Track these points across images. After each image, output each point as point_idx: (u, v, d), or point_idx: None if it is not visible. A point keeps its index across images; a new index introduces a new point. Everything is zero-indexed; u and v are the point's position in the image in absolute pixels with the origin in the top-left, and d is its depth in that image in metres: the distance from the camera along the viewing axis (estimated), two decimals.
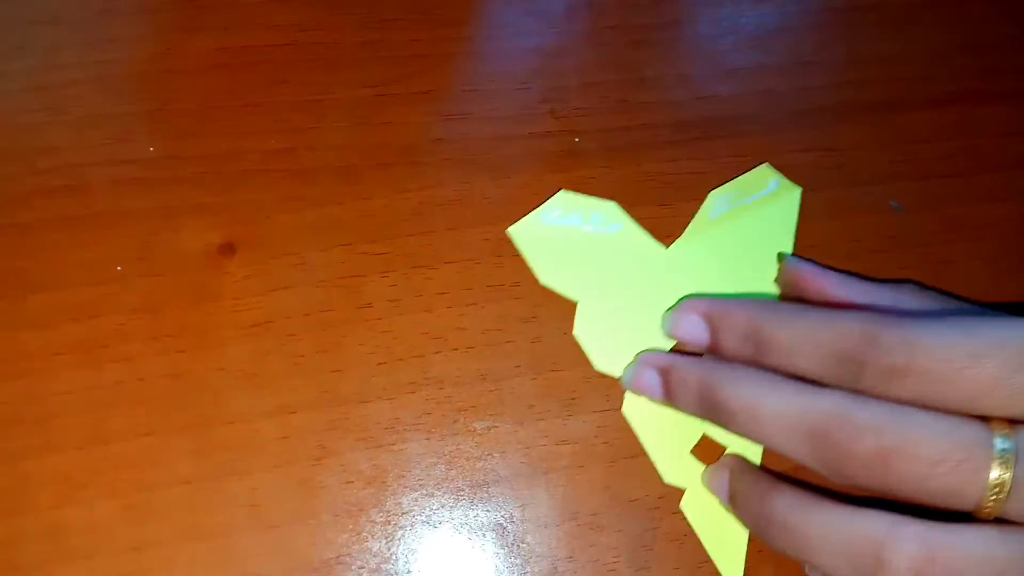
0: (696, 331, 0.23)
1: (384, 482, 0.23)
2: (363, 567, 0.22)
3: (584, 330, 0.24)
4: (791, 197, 0.26)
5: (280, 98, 0.26)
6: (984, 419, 0.18)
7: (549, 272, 0.25)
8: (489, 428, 0.23)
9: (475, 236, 0.25)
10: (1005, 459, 0.17)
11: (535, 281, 0.25)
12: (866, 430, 0.18)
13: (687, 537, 0.23)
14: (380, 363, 0.24)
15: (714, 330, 0.22)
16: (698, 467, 0.23)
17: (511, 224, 0.25)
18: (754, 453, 0.24)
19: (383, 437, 0.23)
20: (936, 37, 0.29)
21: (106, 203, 0.24)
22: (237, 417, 0.23)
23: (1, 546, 0.21)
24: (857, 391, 0.19)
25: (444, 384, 0.24)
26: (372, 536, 0.22)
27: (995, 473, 0.17)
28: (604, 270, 0.25)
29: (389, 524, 0.22)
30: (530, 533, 0.23)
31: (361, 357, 0.24)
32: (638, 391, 0.23)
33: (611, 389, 0.24)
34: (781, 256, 0.25)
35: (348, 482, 0.23)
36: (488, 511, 0.23)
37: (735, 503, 0.22)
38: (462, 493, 0.23)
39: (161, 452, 0.22)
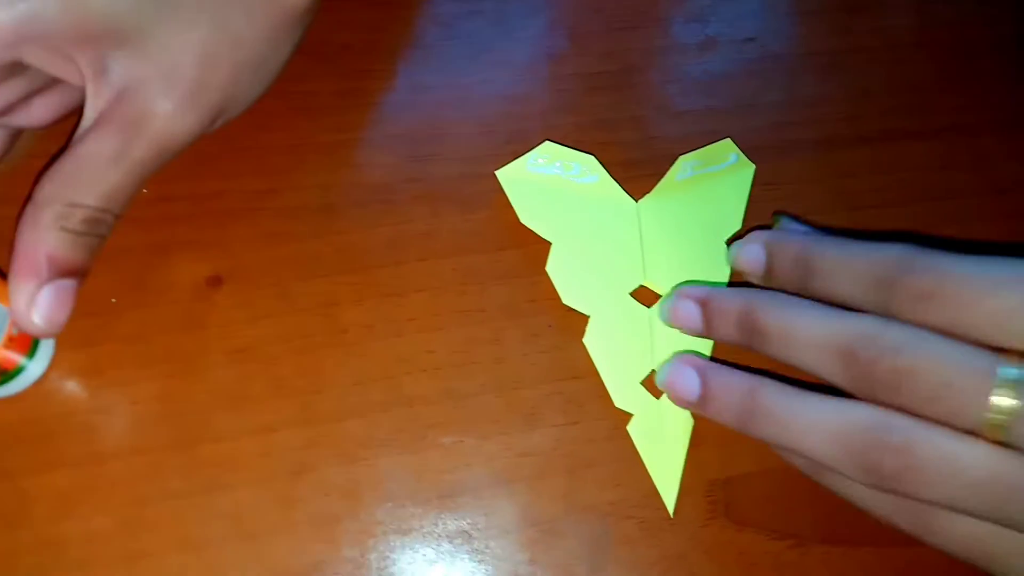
0: (757, 257, 0.25)
1: (358, 494, 0.25)
2: (338, 573, 0.24)
3: (556, 268, 0.27)
4: (746, 172, 0.29)
5: (264, 142, 0.28)
6: (1000, 351, 0.19)
7: (529, 213, 0.27)
8: (455, 443, 0.25)
9: (443, 266, 0.27)
10: (1008, 386, 0.18)
11: (498, 306, 0.27)
12: (886, 350, 0.20)
13: (639, 541, 0.25)
14: (355, 384, 0.26)
15: (771, 255, 0.25)
16: (646, 396, 0.26)
17: (477, 255, 0.28)
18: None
19: (358, 453, 0.25)
20: (866, 79, 0.32)
21: None
22: (222, 436, 0.25)
23: (1, 558, 0.23)
24: (888, 315, 0.21)
25: (414, 403, 0.26)
26: (347, 545, 0.24)
27: (997, 399, 0.18)
28: (578, 216, 0.28)
29: (363, 533, 0.24)
30: (494, 539, 0.24)
31: (338, 379, 0.26)
32: (677, 323, 0.25)
33: (568, 405, 0.26)
34: (777, 219, 0.28)
35: (325, 495, 0.24)
36: (455, 519, 0.25)
37: (710, 399, 0.24)
38: (431, 503, 0.25)
39: (152, 469, 0.24)
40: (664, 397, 0.26)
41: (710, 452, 0.26)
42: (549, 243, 0.27)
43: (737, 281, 0.27)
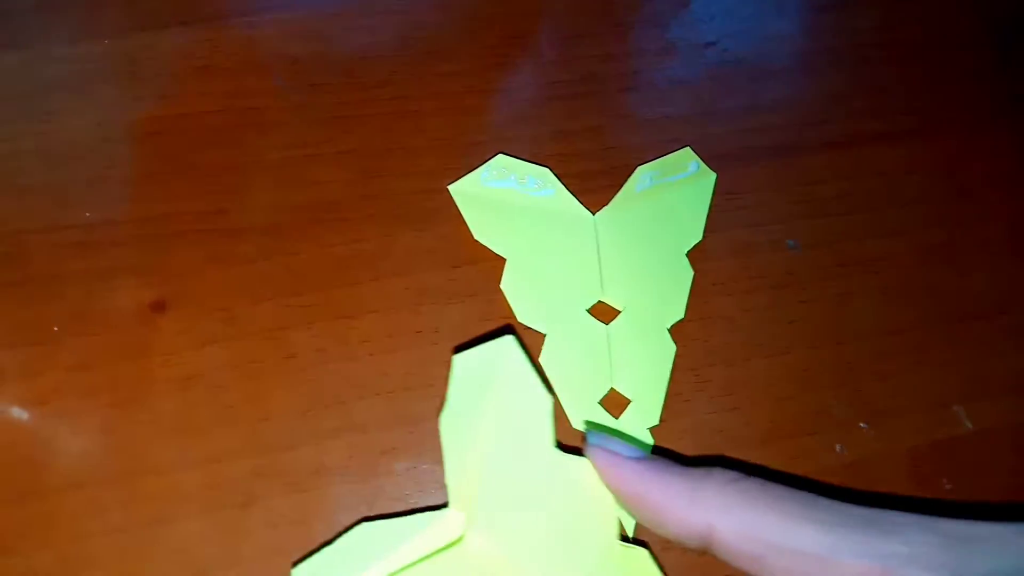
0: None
1: (309, 525, 0.24)
2: None
3: (510, 285, 0.26)
4: (707, 181, 0.28)
5: (212, 161, 0.28)
6: None
7: (482, 229, 0.27)
8: (410, 469, 0.25)
9: (397, 286, 0.27)
10: None
11: (453, 327, 0.26)
12: None
13: None
14: (305, 410, 0.25)
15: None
16: (605, 415, 0.25)
17: (432, 274, 0.27)
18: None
19: (308, 482, 0.24)
20: (831, 82, 0.31)
21: (44, 267, 0.26)
22: (166, 467, 0.24)
23: None
24: None
25: (367, 428, 0.25)
26: None
27: None
28: (534, 231, 0.27)
29: None
30: None
31: (287, 406, 0.25)
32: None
33: None
34: (587, 430, 0.24)
35: (274, 527, 0.24)
36: None
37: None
38: None
39: (94, 503, 0.23)
40: (624, 416, 0.25)
41: None
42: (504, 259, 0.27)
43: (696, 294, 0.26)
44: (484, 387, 0.21)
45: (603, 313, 0.26)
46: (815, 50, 0.32)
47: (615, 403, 0.25)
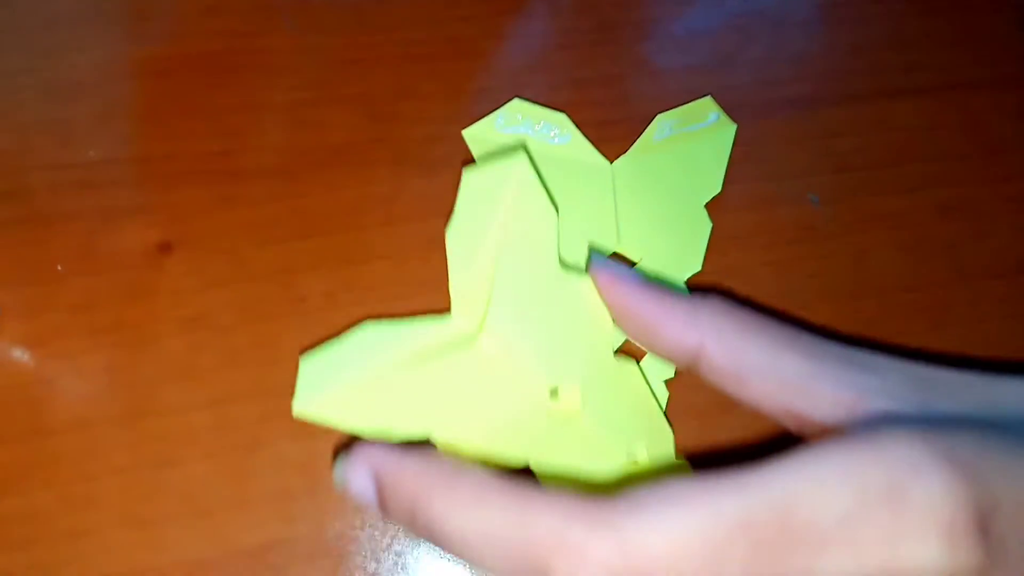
0: (365, 490, 0.19)
1: (316, 470, 0.23)
2: (294, 551, 0.23)
3: None
4: (727, 132, 0.27)
5: (218, 102, 0.27)
6: None
7: None
8: None
9: (407, 232, 0.26)
10: None
11: None
12: None
13: None
14: None
15: (381, 489, 0.18)
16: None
17: (442, 220, 0.26)
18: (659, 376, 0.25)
19: (315, 427, 0.24)
20: (855, 33, 0.30)
21: (47, 206, 0.25)
22: (172, 409, 0.23)
23: None
24: None
25: None
26: (304, 522, 0.23)
27: None
28: (549, 178, 0.26)
29: (320, 511, 0.23)
30: None
31: (295, 350, 0.24)
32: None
33: None
34: (590, 252, 0.24)
35: (280, 471, 0.23)
36: None
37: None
38: None
39: (98, 444, 0.23)
40: (646, 359, 0.24)
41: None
42: None
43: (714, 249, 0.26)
44: (493, 204, 0.21)
45: None
46: (839, 2, 0.31)
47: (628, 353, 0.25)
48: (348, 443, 0.23)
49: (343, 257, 0.26)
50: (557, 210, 0.22)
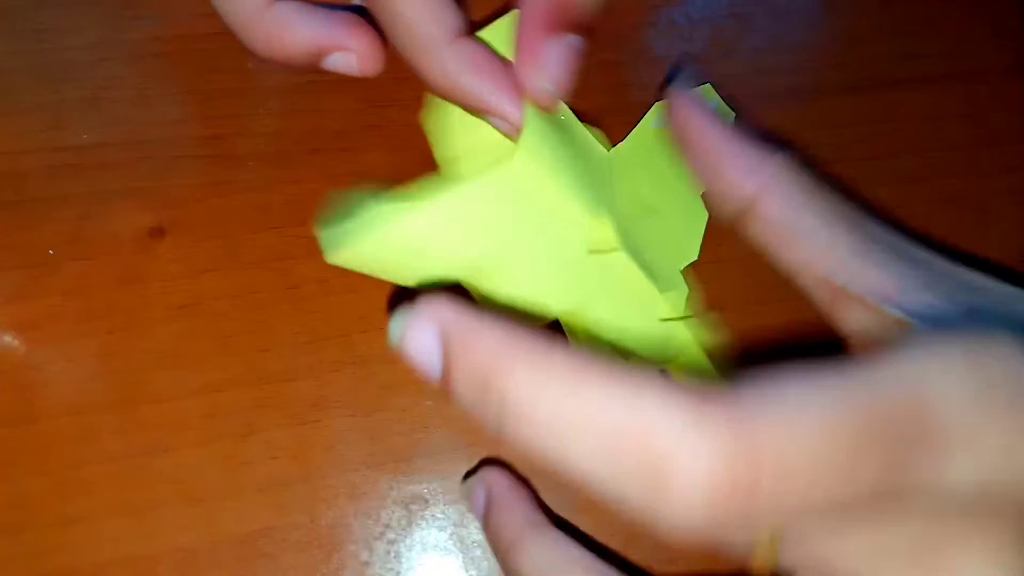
0: (427, 355, 0.16)
1: (309, 458, 0.23)
2: (286, 540, 0.23)
3: None
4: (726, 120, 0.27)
5: (212, 86, 0.27)
6: None
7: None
8: (412, 404, 0.24)
9: None
10: None
11: None
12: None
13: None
14: (307, 343, 0.24)
15: (447, 358, 0.16)
16: None
17: None
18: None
19: (308, 414, 0.24)
20: (856, 23, 0.30)
21: (39, 189, 0.25)
22: (164, 395, 0.23)
23: None
24: None
25: (369, 362, 0.24)
26: (296, 510, 0.23)
27: None
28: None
29: (313, 498, 0.23)
30: (451, 505, 0.23)
31: (288, 337, 0.24)
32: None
33: None
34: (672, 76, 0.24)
35: (273, 458, 0.23)
36: (410, 484, 0.23)
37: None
38: (385, 468, 0.23)
39: (89, 430, 0.23)
40: None
41: None
42: None
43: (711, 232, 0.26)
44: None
45: None
46: None
47: None
48: (401, 295, 0.22)
49: None
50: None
